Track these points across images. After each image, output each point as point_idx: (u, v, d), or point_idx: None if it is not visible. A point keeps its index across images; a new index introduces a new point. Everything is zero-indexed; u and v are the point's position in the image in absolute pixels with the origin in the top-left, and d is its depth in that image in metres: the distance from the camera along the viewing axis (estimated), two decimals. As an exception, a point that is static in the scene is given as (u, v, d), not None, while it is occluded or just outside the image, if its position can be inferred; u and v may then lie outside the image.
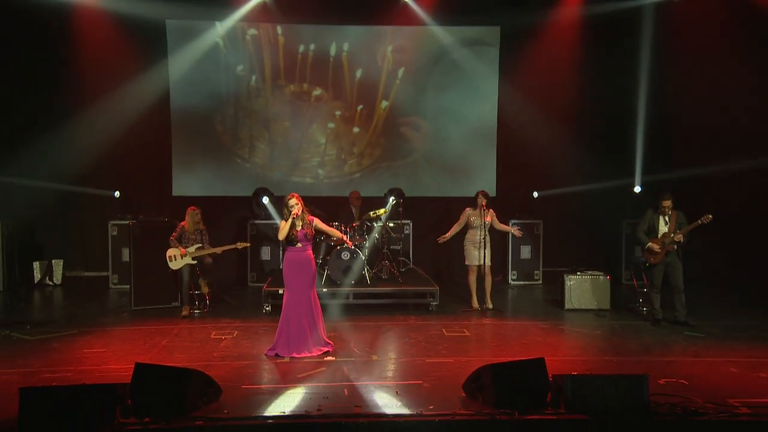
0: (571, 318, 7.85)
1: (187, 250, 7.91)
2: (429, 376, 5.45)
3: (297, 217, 6.07)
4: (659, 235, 7.35)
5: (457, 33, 10.53)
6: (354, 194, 9.39)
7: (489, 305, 8.12)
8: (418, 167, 10.96)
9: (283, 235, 6.10)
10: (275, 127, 10.77)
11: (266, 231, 9.88)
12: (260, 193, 10.30)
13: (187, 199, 9.13)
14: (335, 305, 7.87)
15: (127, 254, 8.91)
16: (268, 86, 10.68)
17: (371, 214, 8.04)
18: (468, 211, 8.10)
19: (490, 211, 8.09)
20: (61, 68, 9.92)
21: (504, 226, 8.36)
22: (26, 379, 5.19)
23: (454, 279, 9.84)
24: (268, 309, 7.84)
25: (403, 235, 10.06)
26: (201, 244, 8.00)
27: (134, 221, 8.54)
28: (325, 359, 5.97)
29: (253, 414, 4.57)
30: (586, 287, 8.17)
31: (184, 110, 10.51)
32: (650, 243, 7.36)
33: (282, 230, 6.10)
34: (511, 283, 10.24)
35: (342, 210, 9.15)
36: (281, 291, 6.57)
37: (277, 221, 8.67)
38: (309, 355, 6.01)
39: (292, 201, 6.11)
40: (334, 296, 7.98)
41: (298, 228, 6.10)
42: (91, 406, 4.24)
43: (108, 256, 9.80)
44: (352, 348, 6.40)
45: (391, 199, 9.25)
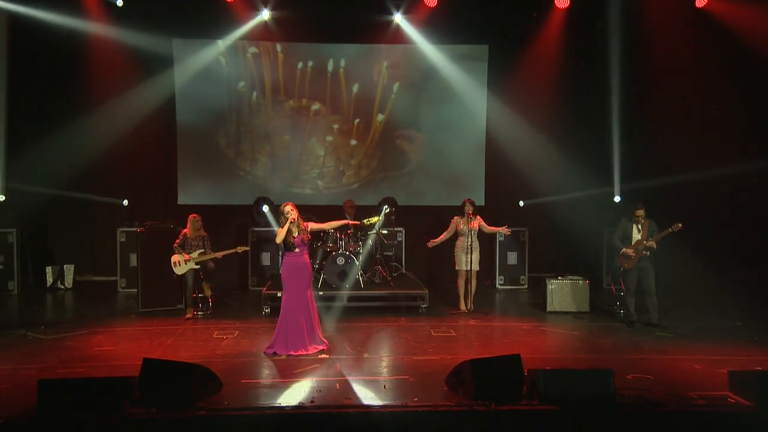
0: (551, 320, 8.12)
1: (190, 255, 8.15)
2: (415, 372, 5.71)
3: (293, 222, 6.43)
4: (633, 242, 7.66)
5: (447, 51, 10.75)
6: (348, 203, 9.66)
7: (471, 306, 8.42)
8: (413, 177, 11.19)
9: (280, 239, 6.48)
10: (276, 140, 11.00)
11: (266, 238, 10.03)
12: (261, 202, 10.51)
13: (191, 207, 9.24)
14: (330, 307, 8.08)
15: (134, 259, 9.18)
16: (269, 101, 10.94)
17: (364, 222, 8.27)
18: (456, 219, 8.42)
19: (477, 217, 8.40)
20: (75, 83, 10.17)
21: (493, 228, 8.57)
22: (43, 374, 5.29)
23: (444, 284, 10.03)
24: (267, 311, 8.08)
25: (396, 242, 10.28)
26: (203, 249, 8.23)
27: (141, 228, 8.68)
28: (320, 357, 6.24)
29: (252, 405, 4.84)
30: (566, 291, 8.45)
31: (189, 124, 10.77)
32: (624, 249, 7.69)
33: (279, 235, 6.48)
34: (498, 287, 10.44)
35: (337, 218, 9.30)
36: (280, 294, 6.85)
37: (276, 229, 8.96)
38: (305, 352, 6.29)
39: (287, 208, 6.50)
40: (329, 299, 8.18)
41: (295, 234, 6.47)
42: (103, 397, 4.50)
43: (116, 262, 10.02)
44: (345, 347, 6.66)
45: (384, 208, 9.40)
